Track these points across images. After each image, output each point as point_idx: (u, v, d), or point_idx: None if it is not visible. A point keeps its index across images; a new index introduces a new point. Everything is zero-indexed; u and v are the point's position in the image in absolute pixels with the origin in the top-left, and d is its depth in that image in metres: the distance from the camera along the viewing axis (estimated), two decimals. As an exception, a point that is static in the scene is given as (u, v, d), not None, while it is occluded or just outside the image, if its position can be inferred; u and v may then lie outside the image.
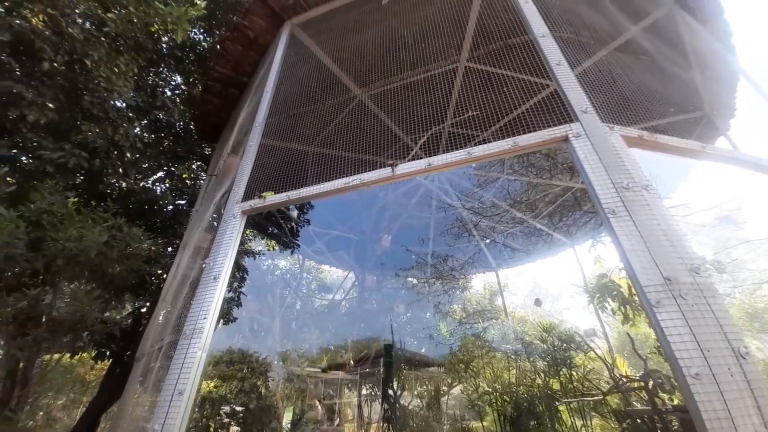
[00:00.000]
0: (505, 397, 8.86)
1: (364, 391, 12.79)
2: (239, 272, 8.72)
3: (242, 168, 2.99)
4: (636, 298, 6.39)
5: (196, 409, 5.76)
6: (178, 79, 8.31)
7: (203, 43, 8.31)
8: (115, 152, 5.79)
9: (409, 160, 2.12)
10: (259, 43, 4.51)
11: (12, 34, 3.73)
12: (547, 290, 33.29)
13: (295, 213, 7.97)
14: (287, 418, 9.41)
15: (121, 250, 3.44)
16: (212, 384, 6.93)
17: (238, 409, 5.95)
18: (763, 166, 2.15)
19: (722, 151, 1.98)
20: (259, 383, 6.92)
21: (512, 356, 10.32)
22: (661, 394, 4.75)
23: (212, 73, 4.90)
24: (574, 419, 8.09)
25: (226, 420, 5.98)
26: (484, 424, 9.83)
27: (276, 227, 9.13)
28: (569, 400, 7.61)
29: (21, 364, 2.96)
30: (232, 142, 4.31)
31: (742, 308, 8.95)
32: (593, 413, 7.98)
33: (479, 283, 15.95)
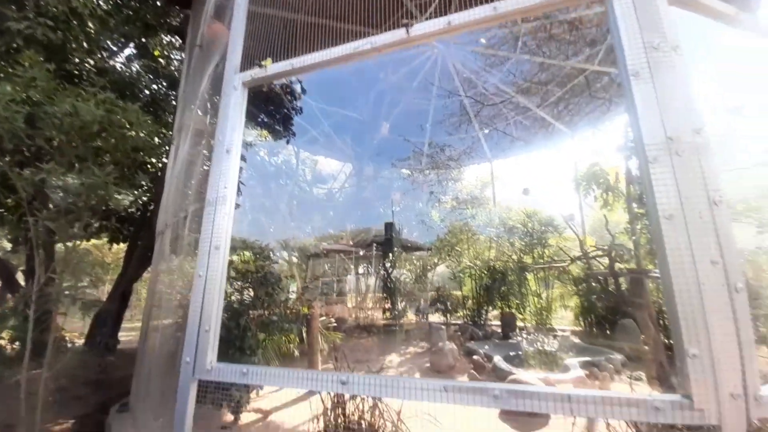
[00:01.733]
0: (483, 270, 10.25)
1: (360, 270, 14.61)
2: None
3: (234, 33, 2.67)
4: (620, 185, 6.83)
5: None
6: None
7: None
8: (76, 22, 5.01)
9: (426, 19, 1.92)
10: None
11: None
12: (539, 182, 34.59)
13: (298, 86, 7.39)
14: (292, 287, 10.90)
15: (120, 128, 3.35)
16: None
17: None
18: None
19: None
20: (264, 264, 7.67)
21: (494, 238, 11.55)
22: (619, 262, 5.60)
23: None
24: (539, 286, 9.68)
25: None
26: (463, 292, 11.57)
27: (267, 115, 8.68)
28: (537, 266, 8.85)
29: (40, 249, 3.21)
30: (213, 6, 3.70)
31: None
32: (556, 281, 9.49)
33: (472, 174, 16.43)
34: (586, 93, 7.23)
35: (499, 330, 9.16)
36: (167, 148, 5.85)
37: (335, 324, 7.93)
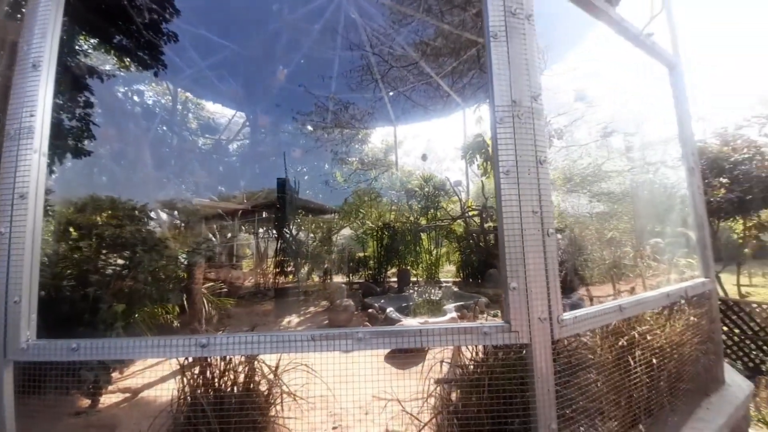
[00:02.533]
0: (384, 231, 10.83)
1: (260, 232, 13.70)
2: (82, 93, 6.70)
3: None
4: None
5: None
6: None
7: None
8: None
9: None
10: None
11: None
12: (436, 151, 37.46)
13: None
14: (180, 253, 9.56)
15: None
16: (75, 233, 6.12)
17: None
18: (624, 27, 2.48)
19: (600, 2, 2.17)
20: (141, 228, 6.41)
21: (395, 201, 12.20)
22: (489, 221, 6.56)
23: None
24: (431, 244, 10.81)
25: (104, 251, 5.56)
26: (366, 253, 12.06)
27: (126, 36, 6.79)
28: (427, 227, 9.81)
29: None
30: None
31: (563, 171, 11.76)
32: (444, 240, 10.74)
33: (377, 137, 16.59)
34: (476, 65, 7.86)
35: (396, 285, 10.01)
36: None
37: (226, 290, 7.36)
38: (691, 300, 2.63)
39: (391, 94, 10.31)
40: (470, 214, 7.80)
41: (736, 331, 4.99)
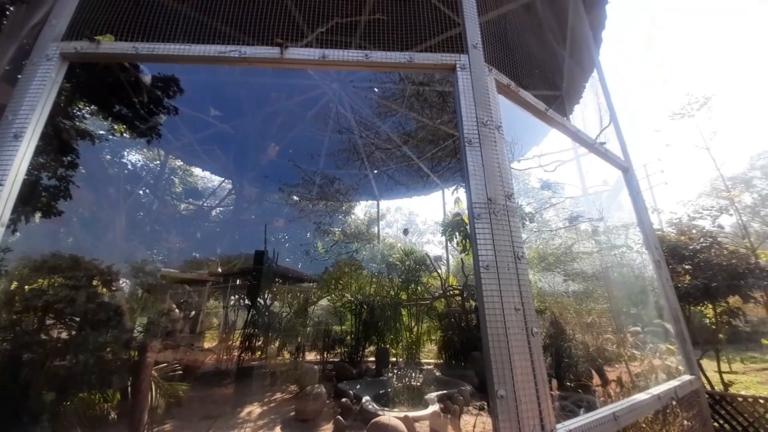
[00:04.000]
0: (363, 305, 10.36)
1: (232, 302, 12.81)
2: (67, 155, 6.72)
3: (62, -9, 2.10)
4: (476, 234, 8.12)
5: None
6: None
7: None
8: None
9: (303, 46, 1.88)
10: None
11: None
12: (417, 225, 38.51)
13: (148, 78, 6.01)
14: (140, 323, 8.64)
15: None
16: (29, 287, 5.57)
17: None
18: (580, 137, 2.84)
19: (558, 117, 2.51)
20: (100, 291, 5.90)
21: (376, 274, 11.97)
22: (470, 301, 6.44)
23: None
24: (411, 320, 10.32)
25: (50, 321, 5.00)
26: (343, 327, 11.34)
27: (127, 107, 7.16)
28: (408, 304, 9.49)
29: None
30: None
31: (537, 250, 12.22)
32: (425, 316, 10.32)
33: (360, 210, 17.03)
34: (453, 155, 8.67)
35: (374, 366, 9.19)
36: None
37: (180, 371, 6.47)
38: (681, 400, 2.51)
39: (375, 172, 10.97)
40: (452, 292, 7.70)
41: (727, 427, 4.71)
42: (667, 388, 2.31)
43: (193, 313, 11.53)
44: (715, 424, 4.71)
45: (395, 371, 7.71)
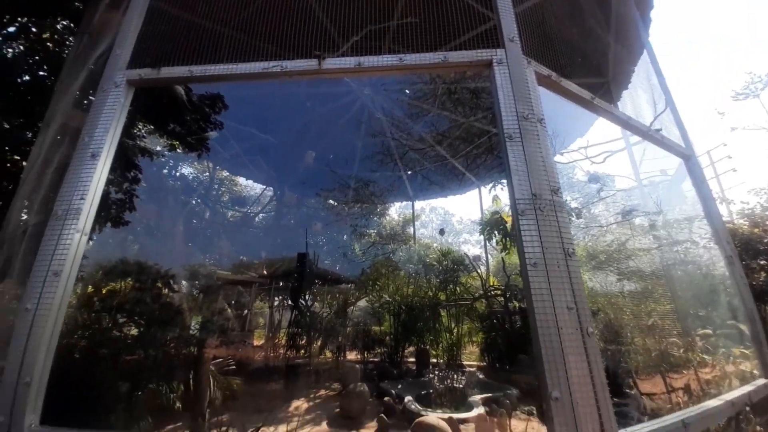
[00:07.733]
0: (402, 306, 10.36)
1: (276, 302, 13.47)
2: (131, 171, 7.51)
3: (127, 24, 2.36)
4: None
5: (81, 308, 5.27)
6: None
7: None
8: None
9: (339, 56, 1.96)
10: None
11: None
12: (453, 225, 37.78)
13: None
14: (196, 321, 9.38)
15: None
16: (104, 290, 6.32)
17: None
18: (632, 125, 2.64)
19: (605, 105, 2.36)
20: (162, 293, 6.53)
21: (413, 275, 11.94)
22: (514, 301, 6.20)
23: None
24: (451, 321, 10.13)
25: (122, 320, 5.56)
26: (382, 327, 11.41)
27: (180, 125, 7.85)
28: (448, 304, 9.33)
29: None
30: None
31: (585, 248, 11.45)
32: (465, 317, 10.08)
33: (395, 211, 17.08)
34: (489, 151, 8.40)
35: (414, 367, 9.16)
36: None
37: (234, 366, 6.92)
38: (755, 405, 2.24)
39: (409, 173, 10.96)
40: (493, 293, 7.45)
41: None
42: (740, 394, 2.07)
43: (245, 312, 12.28)
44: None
45: (436, 372, 7.62)
